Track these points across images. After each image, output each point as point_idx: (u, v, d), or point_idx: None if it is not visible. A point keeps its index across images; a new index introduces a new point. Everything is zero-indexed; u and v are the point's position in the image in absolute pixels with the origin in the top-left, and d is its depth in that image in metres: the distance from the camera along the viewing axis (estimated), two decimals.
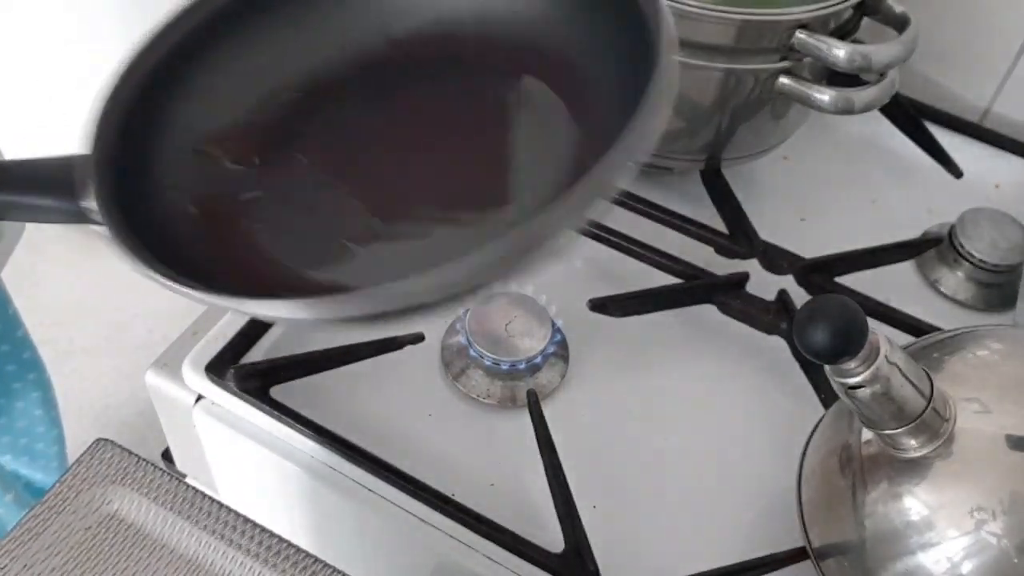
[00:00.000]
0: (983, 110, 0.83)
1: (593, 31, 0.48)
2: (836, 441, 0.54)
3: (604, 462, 0.61)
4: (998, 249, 0.69)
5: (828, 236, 0.72)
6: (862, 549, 0.49)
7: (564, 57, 0.49)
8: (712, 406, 0.64)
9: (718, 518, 0.59)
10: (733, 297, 0.66)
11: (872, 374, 0.44)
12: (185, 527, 0.50)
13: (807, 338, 0.43)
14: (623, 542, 0.58)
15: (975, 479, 0.47)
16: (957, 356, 0.53)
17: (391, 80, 0.54)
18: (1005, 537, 0.45)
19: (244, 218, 0.49)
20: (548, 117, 0.49)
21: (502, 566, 0.56)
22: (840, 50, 0.63)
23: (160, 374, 0.64)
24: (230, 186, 0.50)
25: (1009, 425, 0.47)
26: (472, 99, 0.52)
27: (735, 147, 0.73)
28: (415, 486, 0.58)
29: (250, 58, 0.53)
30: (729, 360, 0.66)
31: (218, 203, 0.49)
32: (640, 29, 0.43)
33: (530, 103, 0.50)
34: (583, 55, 0.48)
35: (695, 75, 0.67)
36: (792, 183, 0.77)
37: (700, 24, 0.64)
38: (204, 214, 0.49)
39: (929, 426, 0.46)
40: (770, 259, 0.69)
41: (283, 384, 0.61)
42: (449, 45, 0.53)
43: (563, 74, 0.49)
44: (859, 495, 0.50)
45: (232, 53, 0.53)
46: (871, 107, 0.66)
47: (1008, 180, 0.78)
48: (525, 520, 0.57)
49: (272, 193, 0.50)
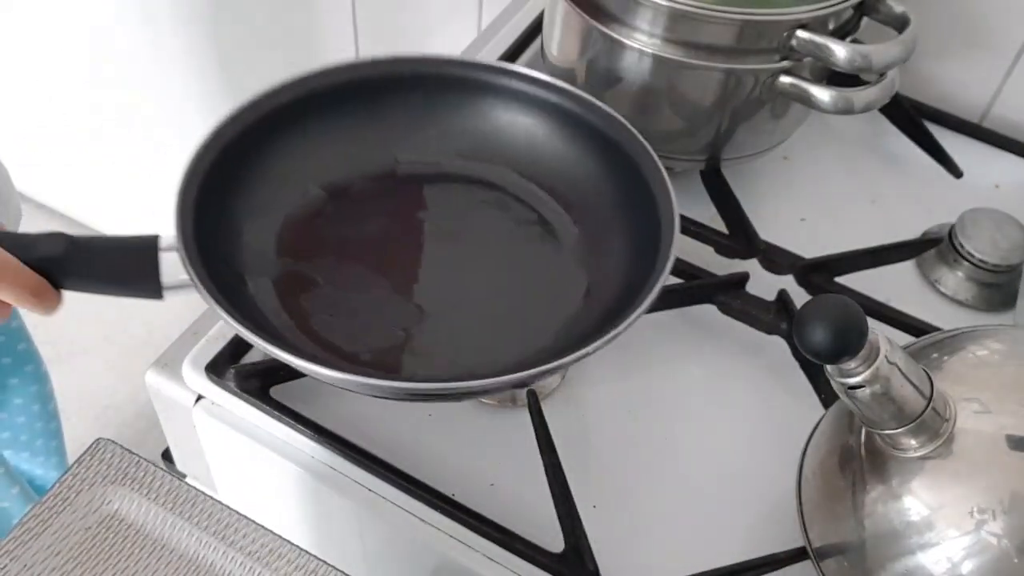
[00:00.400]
0: (983, 110, 0.83)
1: (623, 201, 0.60)
2: (836, 441, 0.54)
3: (604, 462, 0.61)
4: (998, 249, 0.69)
5: (828, 236, 0.72)
6: (862, 549, 0.49)
7: (590, 204, 0.61)
8: (712, 406, 0.64)
9: (718, 518, 0.59)
10: (733, 297, 0.66)
11: (872, 374, 0.44)
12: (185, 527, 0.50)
13: (807, 338, 0.43)
14: (623, 542, 0.58)
15: (975, 479, 0.47)
16: (957, 356, 0.53)
17: (441, 193, 0.64)
18: (1005, 537, 0.45)
19: (307, 296, 0.57)
20: (567, 245, 0.61)
21: (502, 566, 0.56)
22: (840, 50, 0.63)
23: (160, 374, 0.64)
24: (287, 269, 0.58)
25: (1009, 425, 0.47)
26: (504, 217, 0.63)
27: (735, 147, 0.73)
28: (415, 486, 0.58)
29: (297, 160, 0.61)
30: (729, 360, 0.66)
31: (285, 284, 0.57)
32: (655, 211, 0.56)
33: (555, 232, 0.62)
34: (607, 207, 0.61)
35: (695, 75, 0.67)
36: (792, 183, 0.77)
37: (700, 24, 0.64)
38: (280, 296, 0.57)
39: (929, 426, 0.46)
40: (770, 259, 0.69)
41: (283, 384, 0.61)
42: (492, 175, 0.64)
43: (586, 216, 0.61)
44: (859, 495, 0.50)
45: (285, 152, 0.61)
46: (871, 107, 0.66)
47: (1008, 180, 0.78)
48: (525, 520, 0.57)
49: (332, 283, 0.58)
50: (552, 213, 0.63)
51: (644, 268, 0.55)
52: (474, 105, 0.65)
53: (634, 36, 0.66)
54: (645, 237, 0.57)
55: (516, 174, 0.64)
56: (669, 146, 0.66)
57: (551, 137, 0.64)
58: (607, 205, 0.61)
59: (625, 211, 0.60)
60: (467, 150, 0.65)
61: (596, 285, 0.59)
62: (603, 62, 0.70)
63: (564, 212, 0.63)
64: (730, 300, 0.66)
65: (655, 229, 0.56)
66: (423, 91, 0.63)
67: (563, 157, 0.64)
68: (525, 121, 0.64)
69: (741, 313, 0.66)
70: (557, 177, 0.64)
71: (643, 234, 0.57)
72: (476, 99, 0.64)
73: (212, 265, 0.52)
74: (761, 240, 0.69)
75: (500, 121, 0.65)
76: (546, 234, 0.62)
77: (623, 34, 0.67)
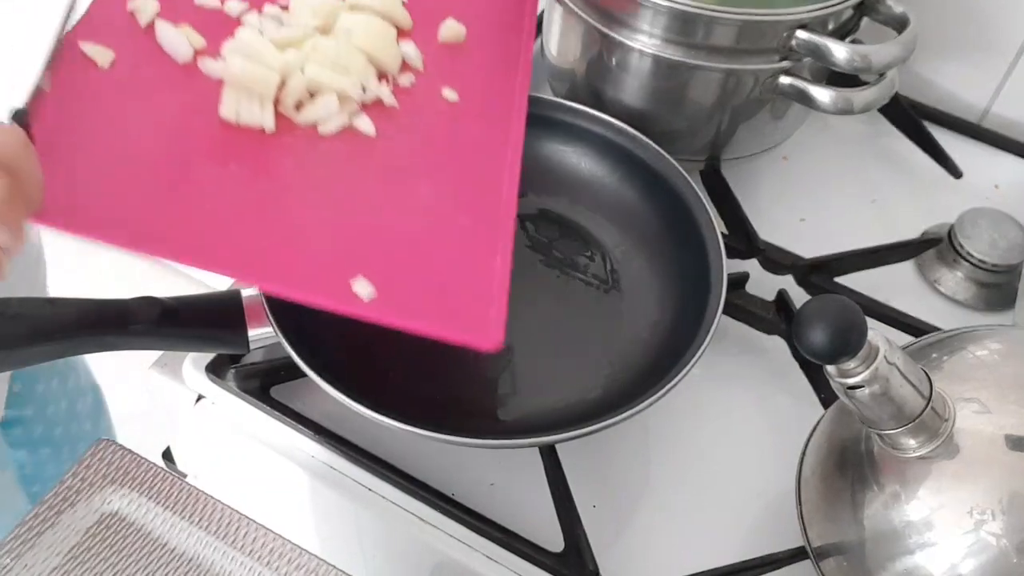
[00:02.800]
0: (983, 110, 0.83)
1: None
2: (836, 441, 0.54)
3: (604, 462, 0.61)
4: (997, 249, 0.69)
5: (828, 236, 0.72)
6: (862, 549, 0.49)
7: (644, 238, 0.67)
8: (712, 406, 0.64)
9: (718, 518, 0.59)
10: (733, 297, 0.66)
11: (871, 374, 0.44)
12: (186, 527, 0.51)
13: (807, 338, 0.43)
14: (623, 542, 0.58)
15: (974, 479, 0.47)
16: (956, 356, 0.53)
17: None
18: (1004, 537, 0.45)
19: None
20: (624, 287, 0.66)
21: (502, 566, 0.56)
22: (840, 50, 0.63)
23: (160, 374, 0.64)
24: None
25: (1008, 425, 0.47)
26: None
27: (735, 147, 0.73)
28: (415, 486, 0.58)
29: None
30: (729, 360, 0.66)
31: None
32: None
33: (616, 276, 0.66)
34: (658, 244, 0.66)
35: (695, 75, 0.67)
36: (792, 183, 0.78)
37: (700, 24, 0.64)
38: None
39: (928, 426, 0.46)
40: (770, 259, 0.69)
41: (283, 384, 0.61)
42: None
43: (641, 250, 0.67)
44: (858, 495, 0.50)
45: None
46: (871, 107, 0.66)
47: (1007, 180, 0.78)
48: (525, 520, 0.57)
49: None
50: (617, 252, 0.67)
51: (686, 328, 0.60)
52: (536, 139, 0.68)
53: (634, 36, 0.66)
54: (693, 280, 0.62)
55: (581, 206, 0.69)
56: (669, 146, 0.66)
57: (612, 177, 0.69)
58: (658, 242, 0.66)
59: (676, 253, 0.65)
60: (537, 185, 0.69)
61: (647, 327, 0.64)
62: (603, 62, 0.70)
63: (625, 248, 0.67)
64: (730, 300, 0.66)
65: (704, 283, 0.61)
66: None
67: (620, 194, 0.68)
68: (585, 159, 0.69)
69: (741, 313, 0.66)
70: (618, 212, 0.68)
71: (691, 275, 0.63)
72: (539, 134, 0.68)
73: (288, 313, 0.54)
74: (761, 240, 0.69)
75: (560, 156, 0.69)
76: (603, 282, 0.66)
77: (623, 34, 0.67)
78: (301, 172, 0.56)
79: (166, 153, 0.53)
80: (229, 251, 0.50)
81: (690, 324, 0.59)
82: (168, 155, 0.53)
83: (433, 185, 0.58)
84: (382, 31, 0.63)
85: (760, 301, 0.66)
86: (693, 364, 0.55)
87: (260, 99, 0.56)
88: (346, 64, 0.60)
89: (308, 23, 0.61)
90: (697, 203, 0.64)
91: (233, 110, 0.56)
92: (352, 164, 0.57)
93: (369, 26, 0.62)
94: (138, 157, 0.52)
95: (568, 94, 0.74)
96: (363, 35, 0.61)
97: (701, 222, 0.63)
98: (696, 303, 0.60)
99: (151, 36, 0.58)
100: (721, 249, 0.61)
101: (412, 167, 0.58)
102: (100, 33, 0.56)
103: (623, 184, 0.68)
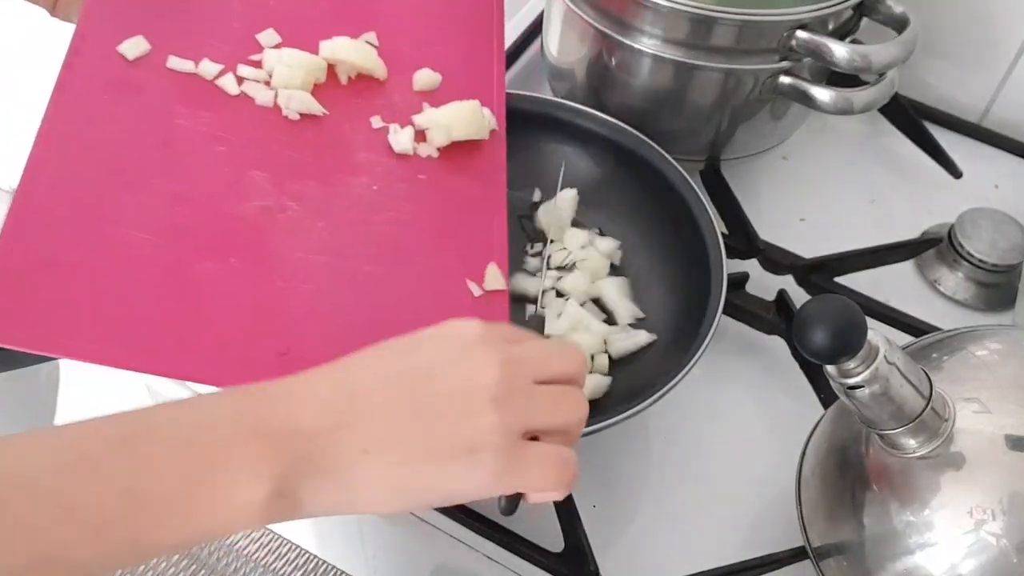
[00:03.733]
0: (983, 110, 0.83)
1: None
2: (836, 441, 0.54)
3: (604, 462, 0.61)
4: (997, 249, 0.69)
5: (828, 236, 0.72)
6: (862, 549, 0.49)
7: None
8: (712, 406, 0.64)
9: (718, 518, 0.59)
10: (733, 297, 0.66)
11: (871, 374, 0.44)
12: None
13: (807, 338, 0.43)
14: (623, 542, 0.58)
15: (974, 479, 0.47)
16: (956, 356, 0.53)
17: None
18: (1004, 537, 0.45)
19: None
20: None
21: (502, 566, 0.56)
22: (839, 50, 0.63)
23: None
24: None
25: (1008, 425, 0.47)
26: None
27: (735, 147, 0.73)
28: None
29: None
30: (729, 360, 0.66)
31: None
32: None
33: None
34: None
35: (695, 75, 0.67)
36: (792, 183, 0.77)
37: (700, 24, 0.64)
38: None
39: (928, 426, 0.46)
40: (770, 259, 0.69)
41: None
42: None
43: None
44: (859, 495, 0.50)
45: None
46: (870, 107, 0.66)
47: (1007, 180, 0.78)
48: (525, 520, 0.57)
49: None
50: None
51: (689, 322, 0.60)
52: (537, 139, 0.68)
53: (634, 36, 0.66)
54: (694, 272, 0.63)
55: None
56: (669, 146, 0.66)
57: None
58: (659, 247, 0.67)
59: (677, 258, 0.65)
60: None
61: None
62: (602, 62, 0.70)
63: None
64: (730, 300, 0.66)
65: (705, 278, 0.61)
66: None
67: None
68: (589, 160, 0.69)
69: (741, 313, 0.66)
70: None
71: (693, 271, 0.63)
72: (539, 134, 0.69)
73: None
74: (761, 240, 0.69)
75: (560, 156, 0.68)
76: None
77: (623, 34, 0.67)
78: (293, 260, 0.55)
79: (158, 252, 0.52)
80: (244, 361, 0.50)
81: (690, 324, 0.59)
82: (161, 254, 0.52)
83: (424, 263, 0.57)
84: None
85: (760, 301, 0.66)
86: (693, 364, 0.56)
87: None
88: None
89: (293, 81, 0.60)
90: (697, 203, 0.64)
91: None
92: (344, 246, 0.56)
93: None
94: (128, 261, 0.51)
95: (568, 94, 0.74)
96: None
97: (701, 222, 0.63)
98: (696, 303, 0.60)
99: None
100: (721, 249, 0.61)
101: (403, 247, 0.58)
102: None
103: (623, 184, 0.68)
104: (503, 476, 0.39)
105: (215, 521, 0.36)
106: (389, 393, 0.39)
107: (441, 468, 0.38)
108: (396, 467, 0.38)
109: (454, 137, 0.61)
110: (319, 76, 0.61)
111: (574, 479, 0.41)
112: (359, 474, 0.38)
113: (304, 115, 0.60)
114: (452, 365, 0.40)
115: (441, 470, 0.38)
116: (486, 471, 0.39)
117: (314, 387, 0.39)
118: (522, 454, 0.39)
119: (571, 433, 0.42)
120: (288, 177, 0.57)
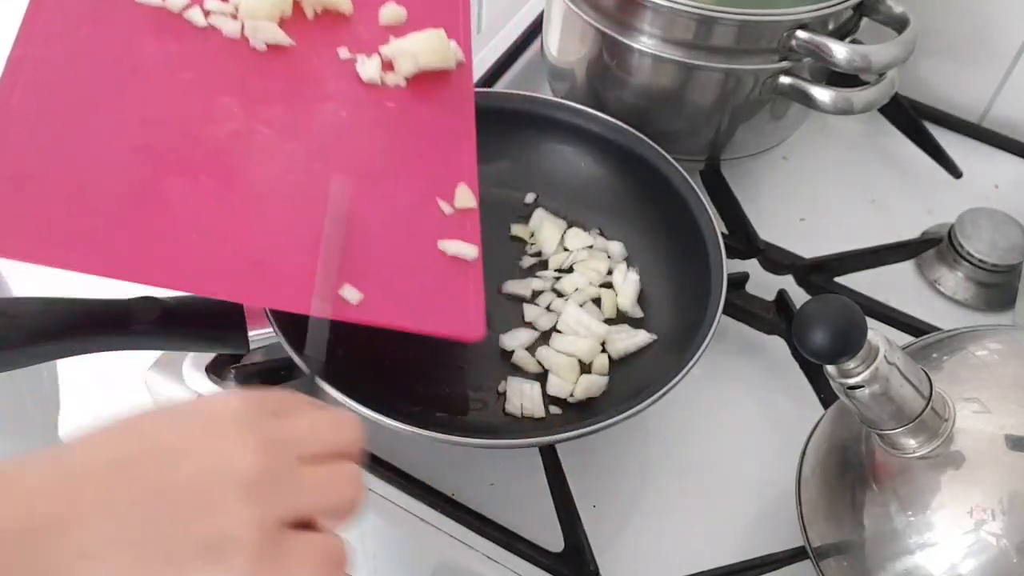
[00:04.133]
0: (983, 110, 0.83)
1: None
2: (836, 441, 0.54)
3: (604, 462, 0.61)
4: (997, 249, 0.69)
5: (828, 236, 0.72)
6: (862, 549, 0.49)
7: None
8: (712, 406, 0.64)
9: (718, 518, 0.59)
10: (733, 297, 0.66)
11: (871, 374, 0.44)
12: None
13: (807, 338, 0.43)
14: (623, 542, 0.58)
15: (974, 479, 0.47)
16: (956, 356, 0.53)
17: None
18: (1004, 537, 0.45)
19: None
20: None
21: (502, 566, 0.56)
22: (840, 50, 0.63)
23: (160, 374, 0.64)
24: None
25: (1008, 425, 0.47)
26: None
27: (735, 147, 0.73)
28: (415, 486, 0.58)
29: None
30: (729, 360, 0.66)
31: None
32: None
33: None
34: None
35: (695, 75, 0.67)
36: (792, 183, 0.78)
37: (700, 24, 0.64)
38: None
39: (928, 426, 0.46)
40: (770, 259, 0.69)
41: (283, 384, 0.61)
42: None
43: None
44: (859, 495, 0.50)
45: None
46: (870, 107, 0.66)
47: (1007, 180, 0.78)
48: (525, 520, 0.57)
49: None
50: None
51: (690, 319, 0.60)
52: (536, 139, 0.68)
53: (634, 36, 0.66)
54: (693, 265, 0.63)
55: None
56: (669, 146, 0.66)
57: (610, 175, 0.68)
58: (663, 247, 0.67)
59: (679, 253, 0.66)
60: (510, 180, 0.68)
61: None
62: (602, 62, 0.70)
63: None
64: (730, 300, 0.66)
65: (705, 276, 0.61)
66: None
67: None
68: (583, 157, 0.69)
69: (741, 313, 0.66)
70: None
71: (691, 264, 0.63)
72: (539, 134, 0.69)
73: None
74: (761, 240, 0.69)
75: (560, 156, 0.68)
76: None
77: (622, 34, 0.67)
78: (267, 178, 0.55)
79: (128, 168, 0.52)
80: (218, 270, 0.50)
81: (690, 324, 0.59)
82: (131, 170, 0.52)
83: (396, 183, 0.58)
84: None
85: (760, 301, 0.66)
86: (693, 364, 0.56)
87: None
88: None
89: (259, 12, 0.60)
90: (697, 203, 0.64)
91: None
92: (316, 164, 0.57)
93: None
94: (98, 175, 0.51)
95: (568, 94, 0.74)
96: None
97: (701, 222, 0.63)
98: (696, 303, 0.60)
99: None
100: (721, 249, 0.61)
101: (373, 167, 0.58)
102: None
103: (623, 184, 0.68)
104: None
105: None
106: (115, 483, 0.34)
107: (180, 572, 0.33)
108: (126, 571, 0.33)
109: (421, 65, 0.61)
110: (285, 9, 0.61)
111: (343, 570, 0.36)
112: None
113: (271, 46, 0.60)
114: (197, 447, 0.35)
115: (180, 574, 0.33)
116: (236, 573, 0.33)
117: (23, 477, 0.33)
118: (279, 551, 0.34)
119: (346, 514, 0.37)
120: (257, 103, 0.57)
